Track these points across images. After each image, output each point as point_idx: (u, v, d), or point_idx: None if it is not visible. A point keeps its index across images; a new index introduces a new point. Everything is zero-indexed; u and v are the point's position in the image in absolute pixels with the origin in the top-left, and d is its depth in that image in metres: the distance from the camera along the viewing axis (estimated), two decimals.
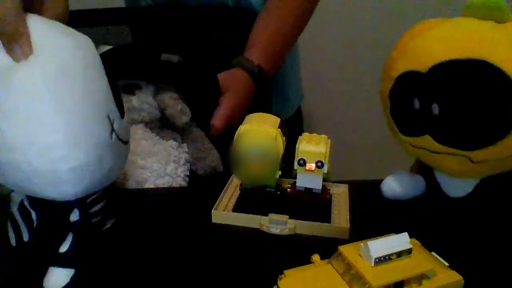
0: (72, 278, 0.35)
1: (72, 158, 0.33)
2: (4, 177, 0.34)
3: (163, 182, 0.55)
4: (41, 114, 0.31)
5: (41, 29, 0.32)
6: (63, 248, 0.36)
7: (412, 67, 0.36)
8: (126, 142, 0.39)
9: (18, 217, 0.38)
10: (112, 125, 0.36)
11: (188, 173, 0.58)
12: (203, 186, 0.58)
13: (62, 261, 0.35)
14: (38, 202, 0.36)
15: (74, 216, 0.37)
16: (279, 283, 0.30)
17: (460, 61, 0.33)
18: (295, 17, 0.72)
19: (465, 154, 0.35)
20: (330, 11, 1.15)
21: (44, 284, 0.35)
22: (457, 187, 0.40)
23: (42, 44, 0.32)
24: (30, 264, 0.37)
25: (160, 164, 0.55)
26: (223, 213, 0.45)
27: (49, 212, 0.37)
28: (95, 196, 0.39)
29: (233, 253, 0.40)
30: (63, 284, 0.35)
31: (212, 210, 0.45)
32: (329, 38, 1.23)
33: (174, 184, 0.55)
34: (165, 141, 0.57)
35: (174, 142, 0.58)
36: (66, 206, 0.36)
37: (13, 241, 0.39)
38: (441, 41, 0.35)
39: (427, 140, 0.36)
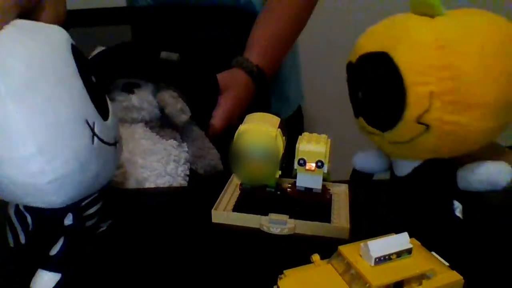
0: (58, 283, 0.34)
1: (50, 170, 0.31)
2: None
3: (163, 181, 0.54)
4: (10, 128, 0.30)
5: (8, 38, 0.31)
6: (53, 251, 0.35)
7: (350, 59, 0.41)
8: (113, 144, 0.38)
9: (14, 219, 0.38)
10: (92, 129, 0.34)
11: (188, 172, 0.58)
12: (203, 186, 0.58)
13: (50, 265, 0.35)
14: (32, 207, 0.36)
15: (68, 220, 0.36)
16: (279, 283, 0.30)
17: (373, 53, 0.37)
18: (294, 17, 0.72)
19: (381, 135, 0.39)
20: (331, 10, 1.15)
21: (31, 286, 0.34)
22: (399, 166, 0.42)
23: (5, 56, 0.30)
24: (25, 266, 0.37)
25: (160, 164, 0.55)
26: (223, 213, 0.45)
27: (44, 216, 0.36)
28: (91, 198, 0.38)
29: (233, 253, 0.40)
30: None
31: (212, 210, 0.45)
32: (330, 37, 1.23)
33: (174, 184, 0.55)
34: (165, 140, 0.57)
35: (174, 142, 0.58)
36: (60, 210, 0.36)
37: (11, 242, 0.39)
38: (368, 36, 0.39)
39: (362, 122, 0.41)
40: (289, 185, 0.47)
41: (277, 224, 0.43)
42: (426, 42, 0.34)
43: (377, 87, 0.37)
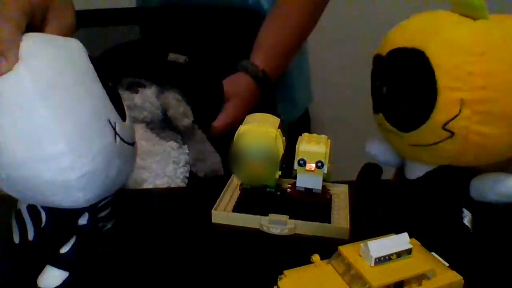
0: (65, 281, 0.35)
1: (79, 166, 0.32)
2: (15, 192, 0.34)
3: (162, 182, 0.54)
4: (39, 125, 0.31)
5: (31, 44, 0.32)
6: (64, 249, 0.36)
7: (379, 52, 0.38)
8: (132, 144, 0.39)
9: (26, 215, 0.38)
10: (114, 128, 0.36)
11: (187, 174, 0.58)
12: (203, 186, 0.58)
13: (59, 262, 0.35)
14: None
15: (83, 220, 0.37)
16: (279, 283, 0.30)
17: (405, 48, 0.35)
18: (301, 21, 0.71)
19: (400, 135, 0.37)
20: (341, 12, 1.14)
21: (38, 281, 0.35)
22: (411, 168, 0.41)
23: (31, 58, 0.31)
24: (32, 262, 0.37)
25: (159, 165, 0.55)
26: (223, 213, 0.45)
27: (60, 214, 0.37)
28: (106, 200, 0.39)
29: (233, 253, 0.40)
30: (55, 285, 0.35)
31: (212, 210, 0.45)
32: (340, 39, 1.22)
33: (173, 185, 0.55)
34: (165, 141, 0.57)
35: (174, 143, 0.58)
36: (77, 209, 0.36)
37: (16, 238, 0.39)
38: (401, 30, 0.37)
39: (381, 118, 0.39)
40: (289, 186, 0.47)
41: (277, 224, 0.43)
42: (465, 45, 0.32)
43: (406, 84, 0.35)
